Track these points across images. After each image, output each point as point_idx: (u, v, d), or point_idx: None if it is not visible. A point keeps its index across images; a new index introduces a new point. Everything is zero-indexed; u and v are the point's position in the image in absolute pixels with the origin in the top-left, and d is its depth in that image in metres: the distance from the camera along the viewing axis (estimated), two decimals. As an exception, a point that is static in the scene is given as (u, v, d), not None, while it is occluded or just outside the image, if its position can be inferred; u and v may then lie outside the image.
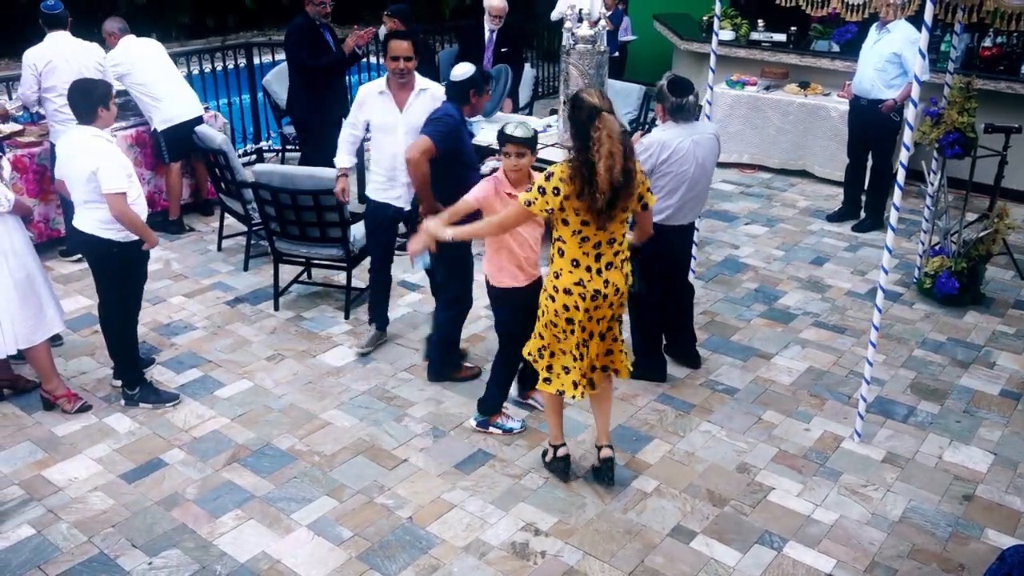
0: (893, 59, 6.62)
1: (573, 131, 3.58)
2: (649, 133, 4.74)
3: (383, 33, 6.66)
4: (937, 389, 4.97)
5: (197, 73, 8.06)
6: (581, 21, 6.27)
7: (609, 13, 8.98)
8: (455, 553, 3.70)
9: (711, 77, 5.64)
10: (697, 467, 4.27)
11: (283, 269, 5.76)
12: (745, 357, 5.26)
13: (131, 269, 4.53)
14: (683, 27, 9.68)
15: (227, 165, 6.05)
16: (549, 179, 3.56)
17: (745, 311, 5.83)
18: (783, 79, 8.61)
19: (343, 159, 5.10)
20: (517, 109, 7.94)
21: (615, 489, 4.09)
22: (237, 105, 8.40)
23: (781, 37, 8.79)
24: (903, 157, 4.12)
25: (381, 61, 9.11)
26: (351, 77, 8.21)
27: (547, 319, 3.80)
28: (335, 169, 5.14)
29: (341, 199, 5.11)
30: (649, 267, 4.77)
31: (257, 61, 8.66)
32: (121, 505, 3.95)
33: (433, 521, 3.88)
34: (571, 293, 3.68)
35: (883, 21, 6.67)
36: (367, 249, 5.44)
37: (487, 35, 7.78)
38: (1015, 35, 7.57)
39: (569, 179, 3.52)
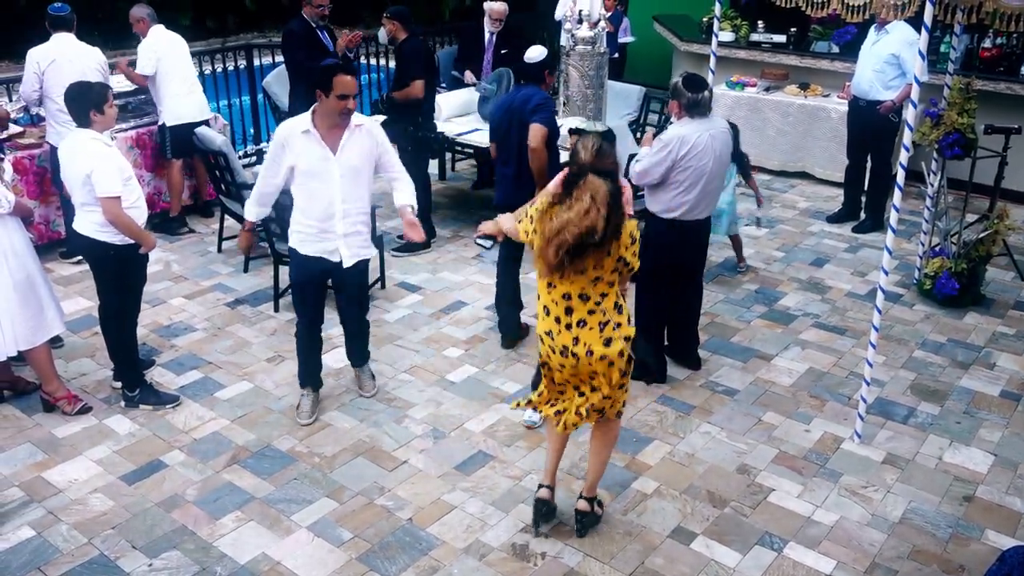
0: (892, 60, 6.63)
1: (564, 174, 3.43)
2: (663, 132, 4.74)
3: (382, 35, 6.64)
4: (937, 390, 4.97)
5: (198, 74, 8.05)
6: (581, 22, 6.28)
7: (609, 14, 8.98)
8: (455, 554, 3.70)
9: (711, 78, 5.63)
10: (697, 468, 4.27)
11: (283, 270, 5.76)
12: (745, 358, 5.26)
13: (130, 271, 4.53)
14: (683, 28, 9.69)
15: (227, 167, 6.05)
16: (533, 207, 3.50)
17: (745, 312, 5.83)
18: (783, 80, 8.61)
19: (253, 211, 4.44)
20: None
21: (615, 490, 4.09)
22: (237, 106, 8.40)
23: (781, 38, 8.80)
24: (903, 158, 4.12)
25: (376, 62, 9.21)
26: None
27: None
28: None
29: (245, 254, 4.59)
30: (662, 264, 4.78)
31: (257, 63, 8.67)
32: (121, 507, 3.95)
33: (433, 522, 3.88)
34: (543, 341, 3.54)
35: (881, 22, 6.67)
36: (296, 308, 4.62)
37: (487, 37, 7.78)
38: (1015, 36, 7.58)
39: (540, 217, 3.37)
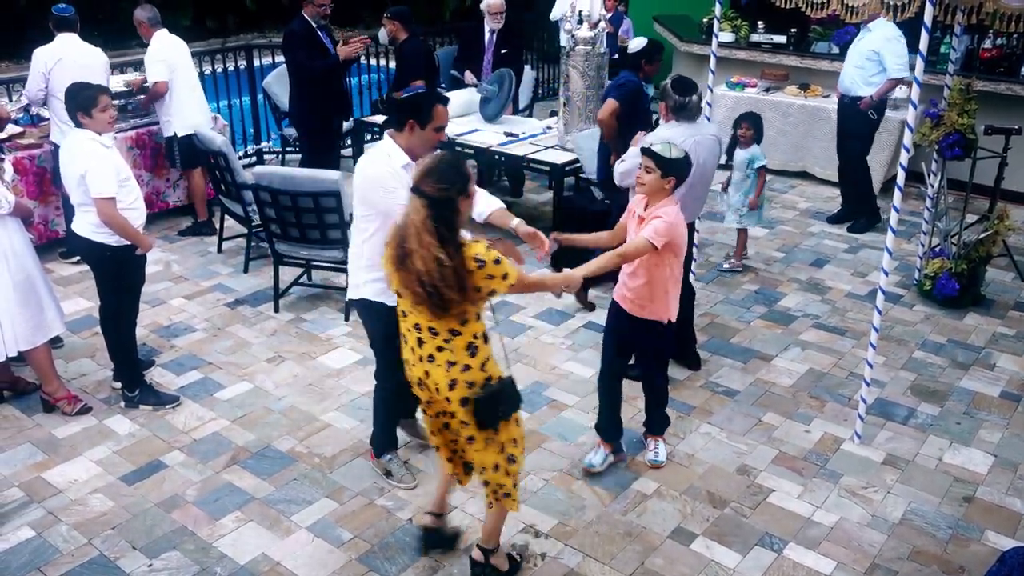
0: (872, 56, 6.75)
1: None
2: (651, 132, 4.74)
3: (383, 35, 6.64)
4: (937, 391, 4.97)
5: (197, 75, 8.06)
6: (581, 23, 6.28)
7: (609, 15, 8.98)
8: (455, 555, 3.69)
9: (711, 79, 5.64)
10: (697, 469, 4.27)
11: (283, 271, 5.76)
12: (745, 359, 5.26)
13: (127, 272, 4.52)
14: (683, 29, 9.69)
15: (227, 167, 6.05)
16: None
17: (745, 313, 5.83)
18: (783, 81, 8.61)
19: (489, 201, 3.76)
20: (517, 111, 7.94)
21: (615, 491, 4.09)
22: (237, 107, 8.40)
23: (781, 39, 8.80)
24: (903, 159, 4.12)
25: (376, 62, 9.21)
26: (351, 79, 8.21)
27: None
28: (336, 172, 5.10)
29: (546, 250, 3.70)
30: None
31: (257, 63, 8.67)
32: (121, 507, 3.95)
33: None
34: (405, 368, 3.29)
35: (866, 20, 6.77)
36: (382, 363, 4.01)
37: (487, 36, 7.78)
38: (1015, 37, 7.58)
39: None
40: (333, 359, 5.16)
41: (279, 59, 7.96)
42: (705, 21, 9.28)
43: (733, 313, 5.82)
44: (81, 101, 4.27)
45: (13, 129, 6.41)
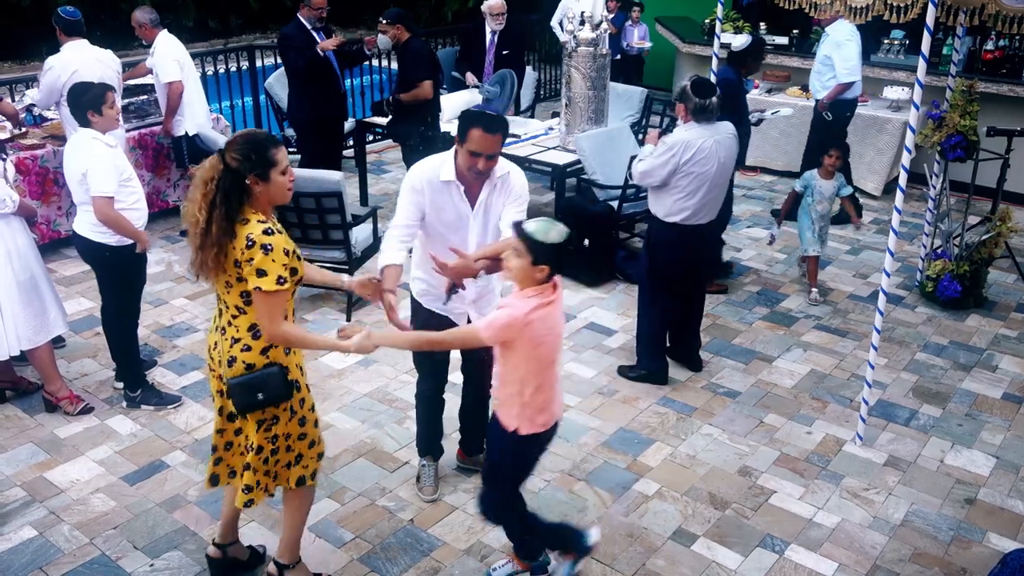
0: (825, 61, 6.91)
1: None
2: (669, 133, 4.74)
3: (384, 41, 6.58)
4: (939, 392, 4.97)
5: (200, 75, 8.07)
6: (583, 24, 6.28)
7: (611, 16, 8.99)
8: (456, 555, 3.70)
9: (712, 80, 5.64)
10: (699, 470, 4.27)
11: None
12: (747, 360, 5.26)
13: (128, 272, 4.52)
14: (685, 30, 9.69)
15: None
16: None
17: (747, 314, 5.83)
18: (785, 82, 8.61)
19: (389, 256, 3.53)
20: (518, 112, 7.95)
21: (616, 492, 4.09)
22: (239, 107, 8.41)
23: (783, 40, 8.80)
24: (905, 160, 4.12)
25: (378, 63, 9.22)
26: (352, 80, 8.22)
27: None
28: (338, 172, 5.10)
29: (391, 316, 3.38)
30: (664, 266, 4.78)
31: (259, 64, 8.68)
32: (123, 507, 3.95)
33: (434, 523, 3.88)
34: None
35: (825, 23, 6.94)
36: (418, 367, 4.07)
37: (488, 37, 7.79)
38: (1017, 38, 7.58)
39: None
40: (334, 360, 5.16)
41: (281, 60, 7.97)
42: (707, 22, 9.28)
43: (735, 314, 5.82)
44: (91, 100, 4.27)
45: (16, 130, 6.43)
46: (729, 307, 5.92)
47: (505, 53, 7.75)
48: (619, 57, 9.40)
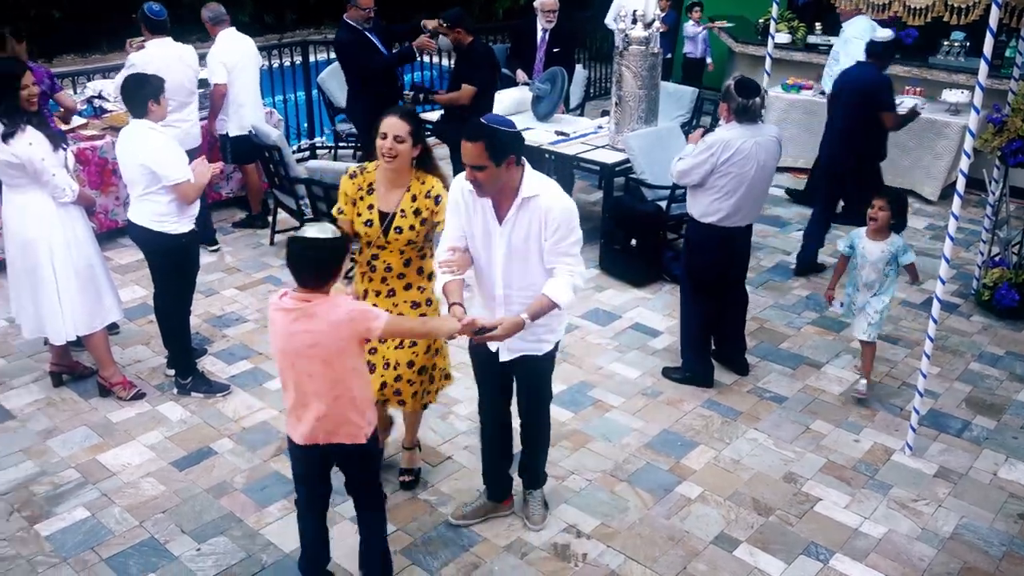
0: (836, 56, 6.70)
1: None
2: (711, 132, 4.70)
3: (444, 42, 6.60)
4: (994, 404, 4.84)
5: (260, 68, 8.19)
6: (635, 22, 6.25)
7: (663, 15, 8.92)
8: (496, 552, 3.71)
9: (766, 80, 5.58)
10: (743, 475, 4.22)
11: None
12: (794, 365, 5.19)
13: (183, 261, 4.62)
14: (739, 30, 9.59)
15: (281, 161, 6.15)
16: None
17: (795, 318, 5.75)
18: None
19: (444, 279, 3.44)
20: (568, 110, 7.93)
21: (658, 494, 4.07)
22: (292, 102, 8.53)
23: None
24: (963, 164, 4.03)
25: (428, 59, 9.27)
26: (405, 76, 8.27)
27: None
28: None
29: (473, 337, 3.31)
30: (699, 267, 4.75)
31: (313, 59, 8.78)
32: (171, 492, 4.04)
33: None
34: None
35: (843, 17, 6.90)
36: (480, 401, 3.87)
37: (539, 35, 7.78)
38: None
39: None
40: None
41: (334, 55, 8.06)
42: (761, 22, 9.17)
43: (783, 319, 5.74)
44: (151, 91, 4.36)
45: (77, 120, 6.59)
46: (777, 311, 5.84)
47: (556, 51, 7.73)
48: (670, 56, 9.32)
